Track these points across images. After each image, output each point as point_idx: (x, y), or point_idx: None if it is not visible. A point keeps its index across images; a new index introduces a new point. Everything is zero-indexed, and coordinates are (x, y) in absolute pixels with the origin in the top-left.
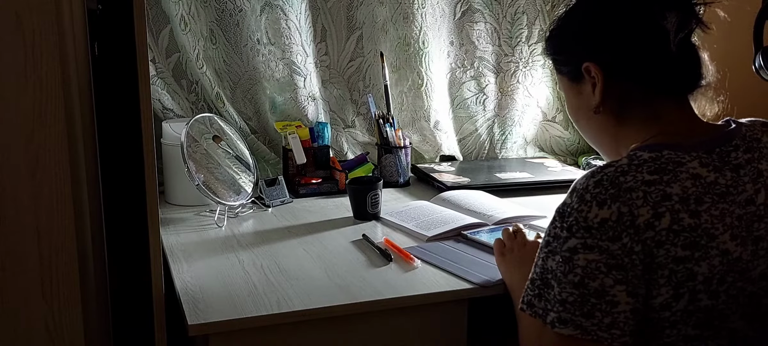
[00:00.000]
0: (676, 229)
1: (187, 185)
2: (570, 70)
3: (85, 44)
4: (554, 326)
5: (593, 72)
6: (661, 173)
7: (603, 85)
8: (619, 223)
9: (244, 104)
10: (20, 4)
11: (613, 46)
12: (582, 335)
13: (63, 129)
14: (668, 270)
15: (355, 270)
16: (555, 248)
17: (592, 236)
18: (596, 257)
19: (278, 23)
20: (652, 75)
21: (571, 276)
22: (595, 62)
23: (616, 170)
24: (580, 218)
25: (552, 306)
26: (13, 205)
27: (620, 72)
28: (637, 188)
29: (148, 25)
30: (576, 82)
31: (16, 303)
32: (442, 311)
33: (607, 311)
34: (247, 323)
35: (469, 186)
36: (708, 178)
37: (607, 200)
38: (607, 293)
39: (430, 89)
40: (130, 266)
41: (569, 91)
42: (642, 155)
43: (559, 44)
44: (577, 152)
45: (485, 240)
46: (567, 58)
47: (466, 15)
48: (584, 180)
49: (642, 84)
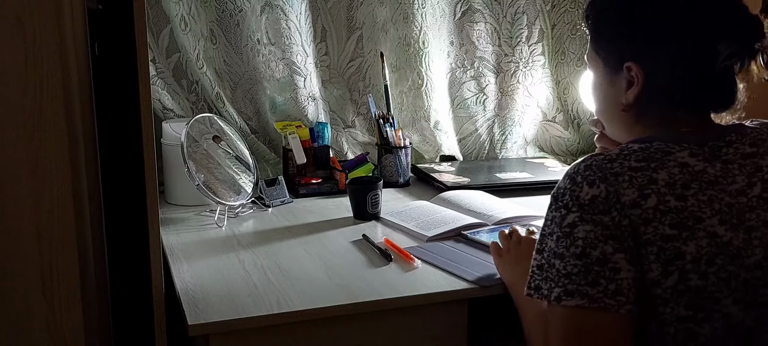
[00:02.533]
0: (663, 209)
1: (187, 185)
2: (610, 58)
3: (85, 44)
4: (560, 300)
5: (634, 73)
6: (648, 160)
7: (640, 90)
8: (607, 200)
9: (244, 104)
10: (20, 4)
11: (662, 55)
12: (589, 303)
13: (63, 129)
14: (656, 247)
15: (355, 270)
16: (553, 229)
17: (585, 211)
18: (592, 228)
19: (278, 23)
20: (688, 93)
21: (573, 249)
22: (640, 65)
23: (605, 158)
24: (573, 196)
25: (557, 282)
26: (13, 205)
27: (660, 82)
28: (623, 173)
29: (148, 25)
30: (612, 71)
31: (16, 303)
32: (442, 311)
33: (610, 278)
34: (247, 323)
35: (469, 186)
36: (696, 167)
37: (595, 181)
38: (609, 260)
39: (430, 89)
40: (130, 266)
41: (602, 76)
42: (632, 146)
43: (605, 27)
44: (577, 152)
45: (485, 240)
46: (610, 47)
47: (466, 15)
48: (575, 165)
49: (675, 96)
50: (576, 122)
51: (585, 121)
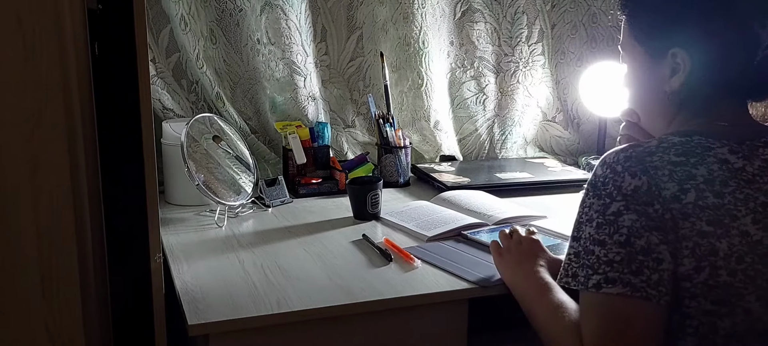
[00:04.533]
0: (701, 205)
1: (187, 185)
2: (653, 45)
3: (85, 44)
4: (600, 287)
5: (680, 59)
6: (687, 155)
7: (686, 76)
8: (649, 192)
9: (244, 104)
10: (20, 4)
11: (707, 41)
12: (631, 292)
13: (63, 129)
14: (692, 242)
15: (355, 270)
16: (592, 216)
17: (629, 200)
18: (638, 217)
19: (278, 23)
20: (732, 79)
21: (617, 236)
22: (688, 52)
23: (644, 150)
24: (616, 185)
25: (595, 269)
26: (13, 205)
27: (705, 67)
28: (663, 166)
29: (148, 25)
30: (655, 59)
31: (16, 303)
32: (442, 311)
33: (654, 268)
34: (247, 323)
35: (469, 186)
36: (736, 164)
37: (637, 172)
38: (653, 250)
39: (430, 89)
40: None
41: (642, 64)
42: (671, 139)
43: (648, 14)
44: (577, 152)
45: (485, 240)
46: (654, 33)
47: (466, 15)
48: (614, 154)
49: (718, 84)
50: (576, 122)
51: (585, 121)
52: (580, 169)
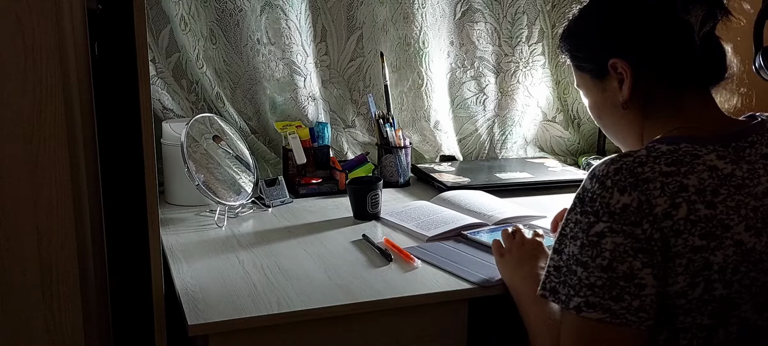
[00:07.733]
0: (693, 219)
1: (187, 185)
2: (594, 67)
3: (85, 44)
4: (580, 311)
5: (620, 68)
6: (678, 164)
7: (631, 81)
8: (639, 210)
9: (244, 104)
10: (20, 5)
11: (639, 41)
12: (610, 318)
13: (63, 129)
14: (686, 259)
15: (355, 270)
16: (577, 233)
17: (616, 221)
18: (622, 240)
19: (278, 23)
20: (678, 69)
21: (599, 260)
22: (622, 58)
23: (635, 160)
24: (603, 202)
25: (577, 291)
26: (13, 205)
27: (647, 67)
28: (655, 178)
29: (148, 25)
30: (600, 78)
31: (16, 303)
32: (442, 311)
33: (635, 294)
34: (247, 323)
35: (469, 186)
36: (725, 169)
37: (627, 187)
38: (636, 276)
39: (430, 89)
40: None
41: (592, 88)
42: (660, 147)
43: (580, 42)
44: (577, 152)
45: (485, 240)
46: (590, 55)
47: (466, 15)
48: (604, 166)
49: (668, 78)
50: (576, 122)
51: (585, 121)
52: (580, 169)
